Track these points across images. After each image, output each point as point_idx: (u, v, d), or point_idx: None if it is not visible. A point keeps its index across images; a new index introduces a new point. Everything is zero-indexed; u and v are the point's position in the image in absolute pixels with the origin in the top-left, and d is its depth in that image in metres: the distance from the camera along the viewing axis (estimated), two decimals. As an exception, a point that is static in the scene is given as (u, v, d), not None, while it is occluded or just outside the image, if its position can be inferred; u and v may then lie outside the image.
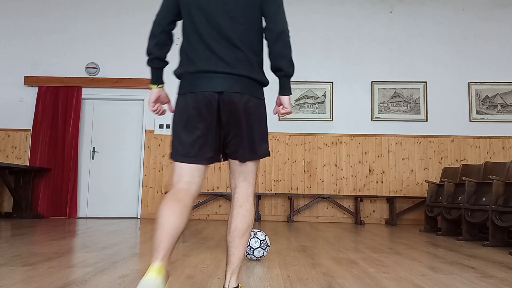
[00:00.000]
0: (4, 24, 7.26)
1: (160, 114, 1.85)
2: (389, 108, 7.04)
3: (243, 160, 1.73)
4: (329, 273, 2.49)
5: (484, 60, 7.09)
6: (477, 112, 6.98)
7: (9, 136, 7.04)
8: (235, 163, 1.76)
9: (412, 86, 7.07)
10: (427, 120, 6.99)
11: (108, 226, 5.27)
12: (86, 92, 7.11)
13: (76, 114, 6.95)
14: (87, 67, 7.14)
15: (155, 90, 1.80)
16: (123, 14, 7.29)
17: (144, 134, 7.03)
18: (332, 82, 7.10)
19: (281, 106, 1.80)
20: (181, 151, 1.67)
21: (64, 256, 2.91)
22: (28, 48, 7.21)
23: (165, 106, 1.87)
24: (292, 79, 7.10)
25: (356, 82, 7.11)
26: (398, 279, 2.36)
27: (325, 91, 7.09)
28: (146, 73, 7.14)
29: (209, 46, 1.65)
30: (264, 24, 1.72)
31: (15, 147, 7.02)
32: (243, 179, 1.76)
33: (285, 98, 1.77)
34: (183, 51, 1.72)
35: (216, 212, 6.87)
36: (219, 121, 1.67)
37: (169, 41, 1.78)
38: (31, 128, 6.96)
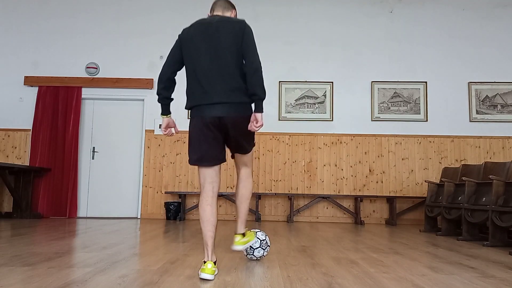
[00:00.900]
0: (4, 24, 7.27)
1: (170, 136, 2.60)
2: (389, 108, 7.04)
3: (243, 153, 2.58)
4: (329, 273, 2.49)
5: (484, 60, 7.10)
6: (477, 112, 6.98)
7: (9, 136, 7.04)
8: (237, 155, 2.62)
9: (412, 86, 7.07)
10: (427, 120, 6.99)
11: (108, 226, 5.26)
12: (86, 92, 7.11)
13: (76, 114, 6.95)
14: (87, 67, 7.14)
15: (165, 119, 2.55)
16: (123, 14, 7.29)
17: (144, 134, 7.03)
18: (332, 82, 7.10)
19: (255, 121, 2.37)
20: (196, 158, 2.40)
21: (64, 256, 2.91)
22: (28, 48, 7.22)
23: (173, 130, 2.61)
24: (292, 79, 7.11)
25: (356, 82, 7.11)
26: (398, 279, 2.36)
27: (325, 91, 7.09)
28: (146, 73, 7.15)
29: (211, 83, 2.33)
30: (244, 61, 2.39)
31: (15, 147, 7.02)
32: (244, 164, 2.66)
33: (258, 115, 2.37)
34: (189, 92, 2.42)
35: (216, 212, 6.86)
36: (221, 134, 2.39)
37: (173, 84, 2.51)
38: (31, 128, 6.96)
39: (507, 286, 2.24)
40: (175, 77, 2.51)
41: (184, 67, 2.50)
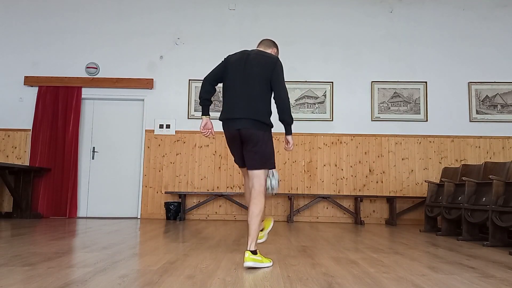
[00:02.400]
0: (4, 24, 7.27)
1: (207, 136, 3.04)
2: (389, 108, 7.04)
3: (253, 168, 2.83)
4: (329, 273, 2.49)
5: (484, 60, 7.10)
6: (477, 112, 6.98)
7: (9, 136, 7.04)
8: (251, 172, 2.85)
9: (412, 86, 7.07)
10: (427, 120, 6.99)
11: (108, 226, 5.27)
12: (86, 92, 7.11)
13: (76, 114, 6.95)
14: (87, 67, 7.14)
15: (204, 118, 3.00)
16: (123, 14, 7.29)
17: (144, 134, 7.03)
18: (332, 82, 7.10)
19: (286, 143, 2.99)
20: (234, 159, 3.03)
21: (64, 256, 2.91)
22: (28, 48, 7.21)
23: (210, 131, 3.03)
24: (292, 79, 7.10)
25: (356, 82, 7.11)
26: (398, 279, 2.36)
27: (325, 91, 7.09)
28: (146, 73, 7.15)
29: (237, 102, 2.81)
30: (273, 92, 2.88)
31: (15, 147, 7.02)
32: (256, 181, 2.82)
33: (288, 137, 2.96)
34: (223, 106, 2.91)
35: (216, 212, 6.87)
36: (241, 144, 2.86)
37: (213, 90, 3.00)
38: (31, 128, 6.96)
39: (507, 286, 2.24)
40: (216, 86, 3.01)
41: (221, 83, 3.00)
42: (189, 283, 2.15)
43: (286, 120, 2.83)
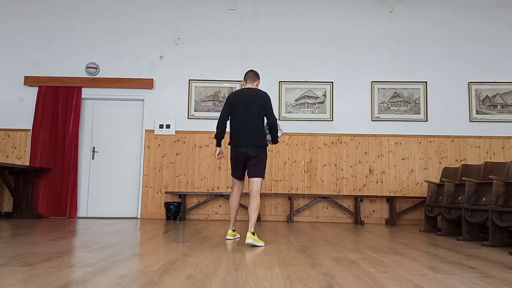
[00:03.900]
0: (4, 24, 7.27)
1: (220, 159, 4.98)
2: (389, 108, 7.04)
3: (254, 176, 3.93)
4: (329, 273, 2.49)
5: (484, 60, 7.10)
6: (477, 112, 6.98)
7: (9, 136, 7.04)
8: (251, 178, 3.94)
9: (412, 86, 7.07)
10: (427, 120, 6.99)
11: (108, 226, 5.26)
12: (86, 92, 7.11)
13: (76, 114, 6.95)
14: (87, 67, 7.14)
15: (218, 148, 4.12)
16: (123, 14, 7.29)
17: (144, 134, 7.03)
18: (332, 82, 7.10)
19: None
20: (233, 174, 4.12)
21: (64, 256, 2.91)
22: (28, 48, 7.22)
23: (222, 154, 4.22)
24: (292, 79, 7.09)
25: (356, 82, 7.11)
26: (398, 279, 2.36)
27: (325, 91, 7.09)
28: (146, 73, 7.15)
29: (243, 132, 3.92)
30: (265, 119, 4.01)
31: (15, 147, 7.02)
32: (255, 185, 3.92)
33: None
34: (232, 135, 4.00)
35: (216, 212, 6.87)
36: (245, 162, 3.96)
37: (226, 129, 4.02)
38: (31, 128, 6.96)
39: (507, 286, 2.24)
40: (227, 124, 4.03)
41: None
42: (189, 283, 2.15)
43: (274, 139, 4.02)
